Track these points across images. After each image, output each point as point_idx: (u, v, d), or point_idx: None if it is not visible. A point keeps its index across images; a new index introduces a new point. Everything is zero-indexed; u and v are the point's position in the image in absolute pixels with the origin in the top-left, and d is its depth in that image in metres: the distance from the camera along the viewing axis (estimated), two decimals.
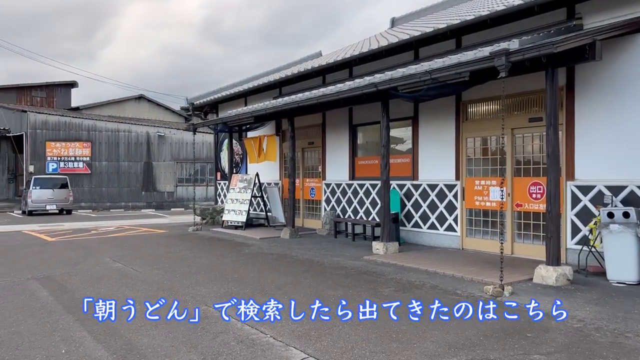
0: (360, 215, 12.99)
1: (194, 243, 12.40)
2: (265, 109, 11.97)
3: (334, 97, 9.79)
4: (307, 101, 10.54)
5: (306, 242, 12.17)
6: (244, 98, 17.84)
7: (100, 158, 31.06)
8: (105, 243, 12.70)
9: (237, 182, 15.50)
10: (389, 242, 10.04)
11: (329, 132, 14.15)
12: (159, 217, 23.50)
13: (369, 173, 12.81)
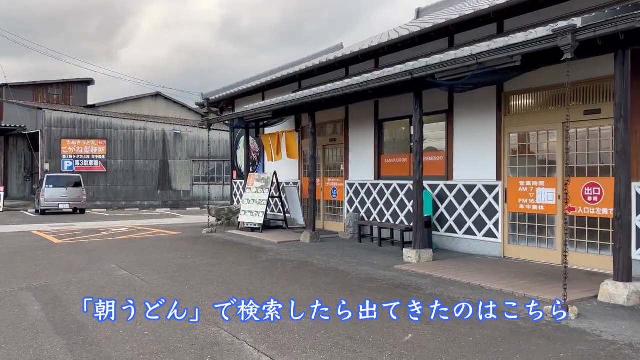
0: (386, 218, 11.98)
1: (207, 247, 11.50)
2: (284, 102, 11.01)
3: (362, 87, 8.79)
4: (331, 92, 9.56)
5: (328, 247, 11.19)
6: (261, 93, 16.92)
7: (115, 156, 30.47)
8: (114, 246, 11.86)
9: (254, 181, 14.58)
10: (422, 250, 9.01)
11: (352, 128, 13.15)
12: (173, 217, 22.72)
13: (396, 172, 11.79)
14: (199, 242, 12.48)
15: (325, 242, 11.88)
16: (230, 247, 11.55)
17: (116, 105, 39.31)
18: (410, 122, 11.38)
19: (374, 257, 9.71)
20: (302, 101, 10.43)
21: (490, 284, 7.09)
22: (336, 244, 11.57)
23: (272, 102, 11.52)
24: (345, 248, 10.99)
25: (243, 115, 12.75)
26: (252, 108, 12.37)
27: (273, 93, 15.52)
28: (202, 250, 10.96)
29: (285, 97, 11.26)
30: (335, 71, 13.37)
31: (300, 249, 10.99)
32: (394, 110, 11.74)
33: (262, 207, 13.99)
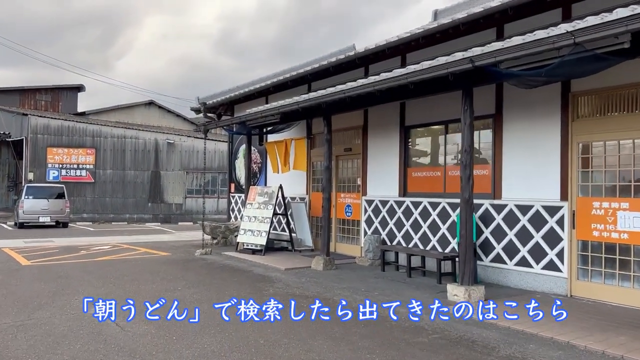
0: (414, 242, 10.15)
1: (201, 275, 9.62)
2: (298, 103, 9.22)
3: (400, 81, 7.01)
4: (360, 89, 7.78)
5: (347, 277, 9.35)
6: (264, 97, 15.14)
7: (104, 166, 28.59)
8: (91, 271, 9.96)
9: (256, 196, 12.73)
10: (471, 286, 7.18)
11: (372, 136, 11.36)
12: (163, 232, 20.80)
13: (427, 188, 10.00)
14: (192, 267, 10.59)
15: (342, 270, 10.03)
16: (229, 274, 9.67)
17: (107, 113, 37.46)
18: (446, 129, 9.63)
19: (408, 293, 7.86)
20: (321, 100, 8.65)
21: (584, 341, 5.27)
22: (356, 273, 9.72)
23: (283, 103, 9.73)
24: (368, 279, 9.15)
25: (247, 118, 10.94)
26: (258, 110, 10.58)
27: (278, 97, 13.69)
28: (195, 280, 9.08)
29: (299, 98, 9.47)
30: (352, 71, 11.62)
31: (314, 279, 9.14)
32: (426, 115, 9.98)
33: (264, 225, 12.14)
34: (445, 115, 9.55)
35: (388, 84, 7.20)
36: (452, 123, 9.49)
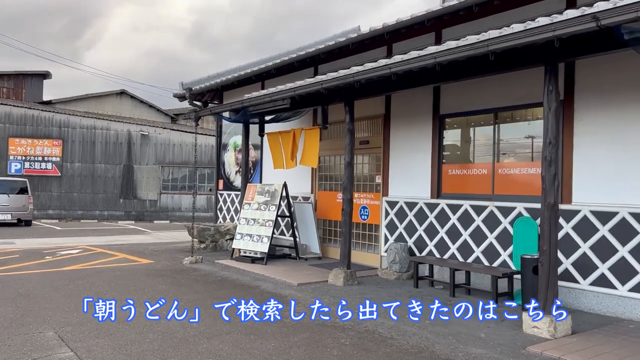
0: (450, 252, 8.57)
1: (198, 294, 7.84)
2: (321, 83, 7.50)
3: (479, 49, 5.36)
4: (415, 62, 6.09)
5: (375, 295, 7.72)
6: (260, 82, 13.38)
7: (72, 159, 26.39)
8: (59, 286, 8.09)
9: (255, 194, 10.98)
10: (557, 318, 5.61)
11: (395, 126, 9.73)
12: (139, 232, 18.81)
13: (469, 188, 8.42)
14: (184, 281, 8.79)
15: (366, 286, 8.39)
16: (232, 292, 7.92)
17: (75, 102, 34.95)
18: (496, 118, 8.05)
19: (467, 322, 6.26)
20: (354, 79, 6.95)
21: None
22: (385, 291, 8.08)
23: (303, 83, 7.99)
24: (402, 298, 7.52)
25: (251, 103, 9.15)
26: (266, 93, 8.82)
27: (276, 82, 11.89)
28: (192, 301, 7.29)
29: (324, 76, 7.72)
30: (370, 51, 9.98)
31: (337, 297, 7.47)
32: (467, 102, 8.40)
33: (266, 230, 10.40)
34: (494, 102, 7.99)
35: (462, 53, 5.54)
36: (504, 111, 7.94)
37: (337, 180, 11.12)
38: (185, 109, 40.23)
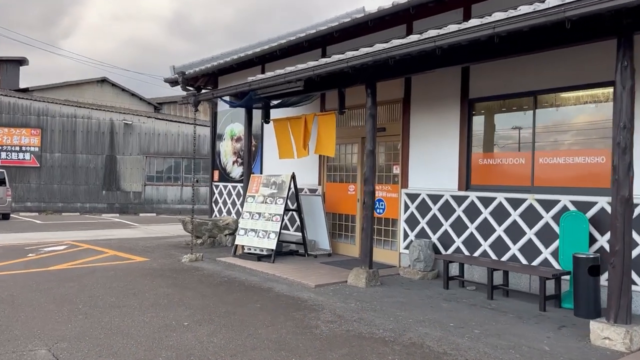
0: (481, 249, 7.82)
1: (206, 298, 6.96)
2: (347, 60, 6.64)
3: (552, 17, 4.57)
4: (466, 34, 5.28)
5: (404, 298, 6.95)
6: (260, 66, 12.48)
7: (52, 149, 25.17)
8: (46, 291, 7.15)
9: (260, 186, 10.11)
10: (633, 326, 4.90)
11: (417, 111, 8.93)
12: (126, 226, 17.79)
13: (504, 180, 7.67)
14: (187, 282, 7.90)
15: (390, 287, 7.61)
16: (243, 295, 7.06)
17: (54, 90, 33.52)
18: (535, 102, 7.29)
19: (518, 330, 5.52)
20: (388, 55, 6.11)
21: None
22: (413, 293, 7.31)
23: (323, 62, 7.10)
24: (436, 302, 6.76)
25: (260, 85, 8.24)
26: (279, 73, 7.91)
27: (278, 65, 11.00)
28: (201, 306, 6.43)
29: (352, 53, 6.81)
30: (386, 30, 9.15)
31: (365, 302, 6.68)
32: (501, 84, 7.63)
33: (273, 225, 9.54)
34: (534, 84, 7.23)
35: (530, 22, 4.73)
36: (544, 94, 7.19)
37: (349, 170, 10.30)
38: (169, 97, 39.09)
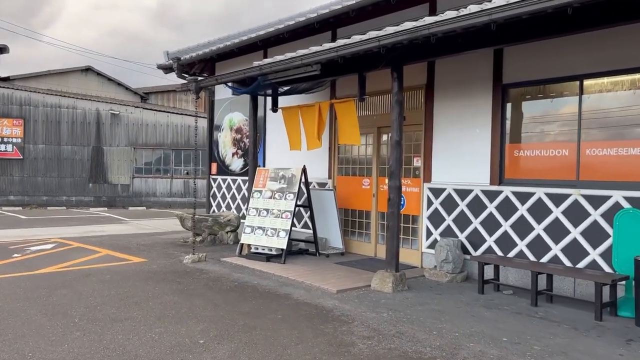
0: (517, 249, 7.15)
1: (219, 308, 6.20)
2: (378, 39, 5.88)
3: None
4: (521, 6, 4.54)
5: (438, 305, 6.25)
6: (262, 51, 11.66)
7: (35, 140, 24.11)
8: (36, 299, 6.34)
9: (267, 180, 9.33)
10: None
11: (441, 99, 8.21)
12: (116, 221, 16.91)
13: (543, 173, 6.99)
14: (191, 287, 7.12)
15: (419, 292, 6.90)
16: (259, 303, 6.31)
17: (36, 79, 32.29)
18: (581, 87, 6.63)
19: (581, 346, 4.85)
20: (430, 32, 5.36)
21: None
22: (446, 298, 6.61)
23: (349, 42, 6.32)
24: (476, 310, 6.08)
25: (272, 69, 7.42)
26: (296, 55, 7.10)
27: (282, 50, 10.15)
28: (214, 318, 5.67)
29: (393, 28, 6.02)
30: (411, 9, 8.39)
31: (398, 311, 5.97)
32: (541, 67, 6.92)
33: (283, 222, 8.79)
34: (580, 66, 6.54)
35: None
36: (593, 78, 6.50)
37: (362, 163, 9.57)
38: (156, 87, 37.99)
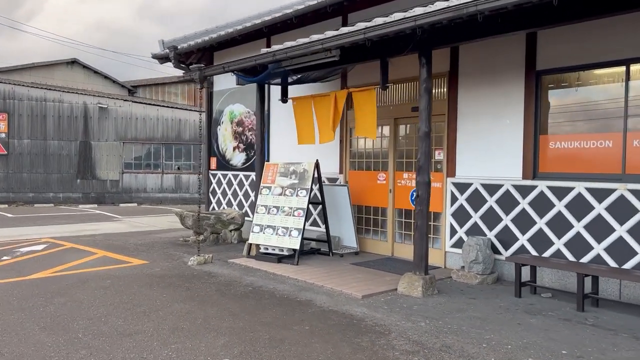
0: (554, 249, 6.64)
1: (237, 318, 5.61)
2: (414, 18, 5.31)
3: None
4: None
5: (475, 312, 5.73)
6: (264, 39, 11.03)
7: (20, 135, 23.29)
8: (31, 310, 5.70)
9: (277, 176, 8.74)
10: None
11: (465, 87, 7.66)
12: (108, 218, 16.20)
13: (584, 167, 6.47)
14: (202, 293, 6.53)
15: (454, 297, 6.37)
16: (278, 311, 5.73)
17: (20, 72, 31.34)
18: (628, 73, 6.09)
19: None
20: (477, 9, 4.80)
21: None
22: (486, 304, 6.09)
23: (380, 22, 5.73)
24: (522, 317, 5.56)
25: (288, 54, 6.78)
26: (314, 40, 6.49)
27: (286, 37, 9.50)
28: (232, 328, 5.08)
29: (437, 5, 5.45)
30: None
31: (434, 319, 5.43)
32: (580, 52, 6.40)
33: (295, 220, 8.20)
34: (626, 50, 6.02)
35: None
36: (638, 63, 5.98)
37: (378, 157, 9.01)
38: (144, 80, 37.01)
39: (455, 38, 6.13)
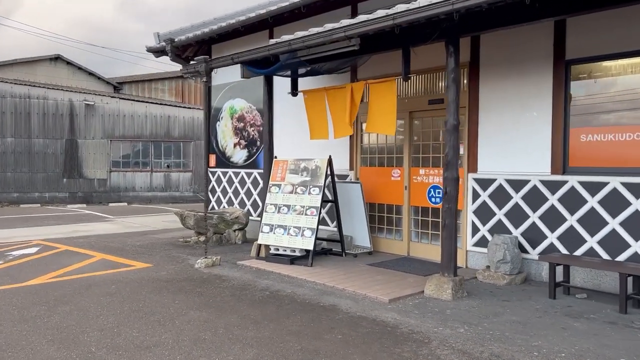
0: (587, 247, 6.34)
1: (258, 326, 5.20)
2: (452, 3, 4.94)
3: None
4: None
5: (512, 316, 5.40)
6: (266, 30, 10.60)
7: (3, 133, 22.60)
8: (34, 320, 5.24)
9: (287, 173, 8.33)
10: None
11: (488, 78, 7.32)
12: (100, 219, 15.63)
13: (618, 160, 6.17)
14: (217, 298, 6.10)
15: (485, 300, 6.03)
16: (303, 317, 5.33)
17: (1, 68, 30.49)
18: None
19: None
20: None
21: None
22: (521, 307, 5.75)
23: (411, 7, 5.34)
24: (565, 320, 5.23)
25: (305, 43, 6.35)
26: (336, 27, 6.08)
27: (290, 29, 9.05)
28: (258, 338, 4.67)
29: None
30: None
31: (472, 324, 5.08)
32: (612, 40, 6.08)
33: (308, 220, 7.81)
34: None
35: None
36: None
37: (391, 152, 8.64)
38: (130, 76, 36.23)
39: (486, 25, 5.79)
